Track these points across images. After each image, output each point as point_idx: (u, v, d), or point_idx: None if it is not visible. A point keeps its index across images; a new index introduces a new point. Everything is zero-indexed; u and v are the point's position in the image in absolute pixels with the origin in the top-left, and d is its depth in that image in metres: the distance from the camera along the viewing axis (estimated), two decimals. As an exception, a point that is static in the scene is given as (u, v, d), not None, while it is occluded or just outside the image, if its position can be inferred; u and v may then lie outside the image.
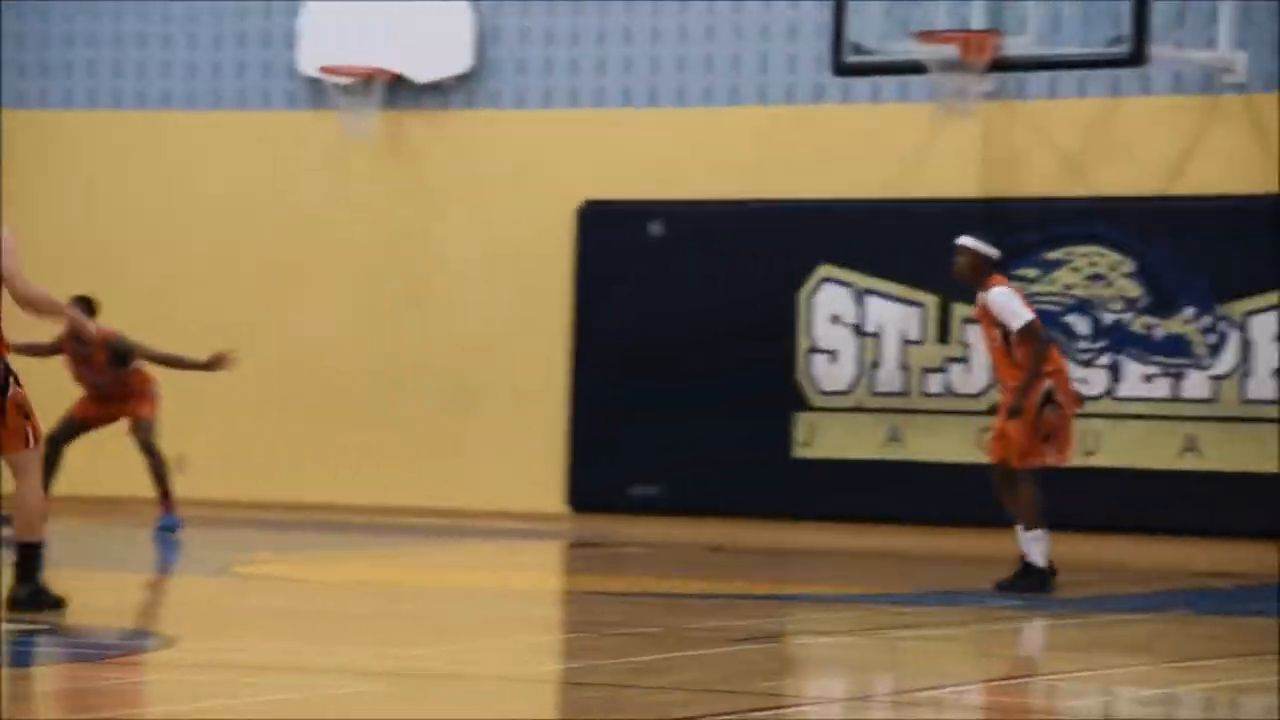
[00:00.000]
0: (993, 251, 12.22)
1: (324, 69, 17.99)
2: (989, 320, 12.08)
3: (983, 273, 12.14)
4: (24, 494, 9.50)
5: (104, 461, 15.97)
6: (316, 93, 18.26)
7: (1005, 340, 12.00)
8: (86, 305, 15.01)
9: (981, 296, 12.13)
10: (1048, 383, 11.93)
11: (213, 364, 14.61)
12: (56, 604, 9.60)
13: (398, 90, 18.08)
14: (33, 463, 9.58)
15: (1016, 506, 12.11)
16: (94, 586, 10.43)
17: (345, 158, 18.11)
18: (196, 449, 17.47)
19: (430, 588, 12.21)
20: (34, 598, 9.50)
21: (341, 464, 17.96)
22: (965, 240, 12.25)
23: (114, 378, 14.87)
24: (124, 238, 18.52)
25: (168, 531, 14.72)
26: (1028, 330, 11.90)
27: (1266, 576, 14.10)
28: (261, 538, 15.72)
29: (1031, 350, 11.91)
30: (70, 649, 9.04)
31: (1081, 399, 12.22)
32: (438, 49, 17.95)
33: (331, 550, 14.14)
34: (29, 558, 9.50)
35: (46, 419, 14.79)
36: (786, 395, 16.61)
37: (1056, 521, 12.22)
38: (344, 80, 17.90)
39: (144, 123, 18.64)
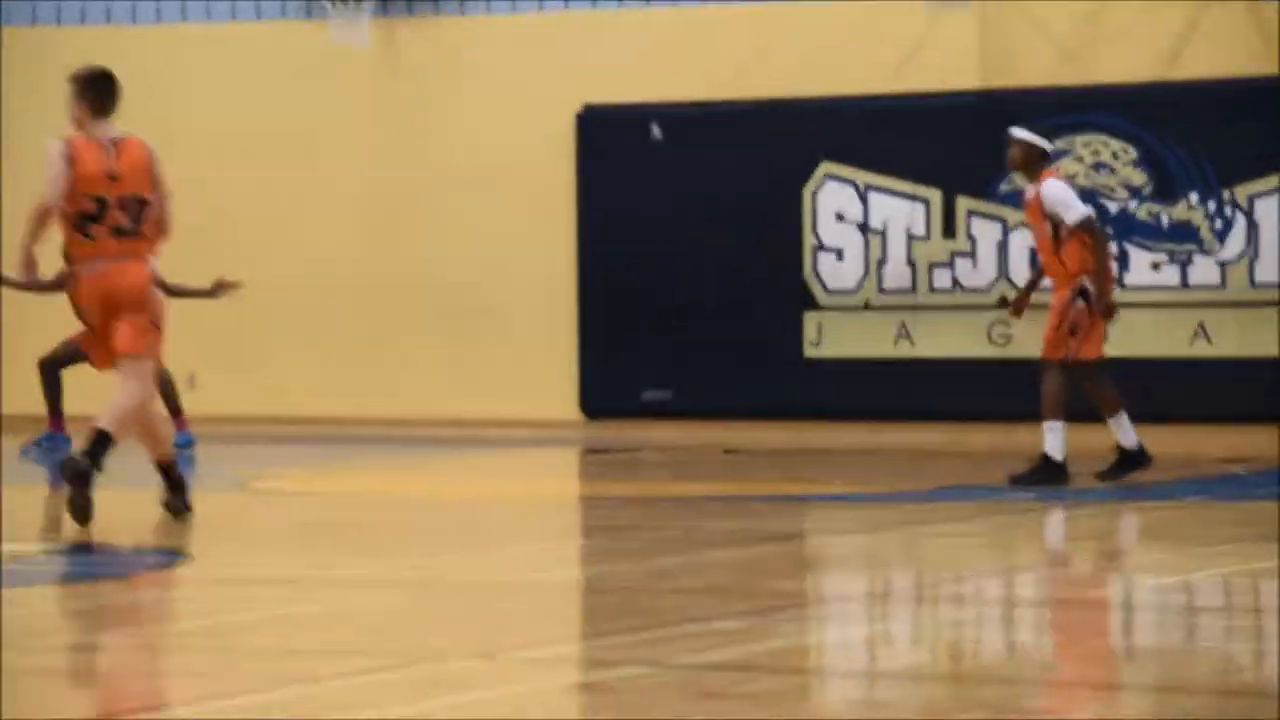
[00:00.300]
0: (1045, 143, 12.06)
1: (316, -23, 17.86)
2: (1039, 213, 11.94)
3: (1036, 164, 12.00)
4: (121, 393, 9.76)
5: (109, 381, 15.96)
6: (308, 3, 18.14)
7: (1055, 234, 11.88)
8: None
9: (1033, 188, 11.99)
10: (1084, 279, 11.84)
11: (215, 291, 14.58)
12: (83, 511, 9.71)
13: (389, -2, 17.96)
14: (143, 371, 9.74)
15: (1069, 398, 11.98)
16: (113, 504, 10.45)
17: (338, 67, 18.01)
18: (206, 366, 17.44)
19: (447, 498, 12.24)
20: (82, 466, 9.59)
21: (353, 378, 17.95)
22: (1017, 131, 12.04)
23: None
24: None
25: (182, 448, 14.73)
26: (1084, 224, 11.81)
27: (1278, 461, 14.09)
28: (275, 453, 15.73)
29: (1094, 243, 11.83)
30: (93, 566, 9.07)
31: (1112, 309, 12.00)
32: (429, -44, 17.82)
33: (347, 464, 14.15)
34: (98, 442, 9.70)
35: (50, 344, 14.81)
36: (794, 295, 16.56)
37: (1068, 411, 12.17)
38: (336, -11, 17.78)
39: (136, 37, 18.53)
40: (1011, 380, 16.21)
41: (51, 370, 14.91)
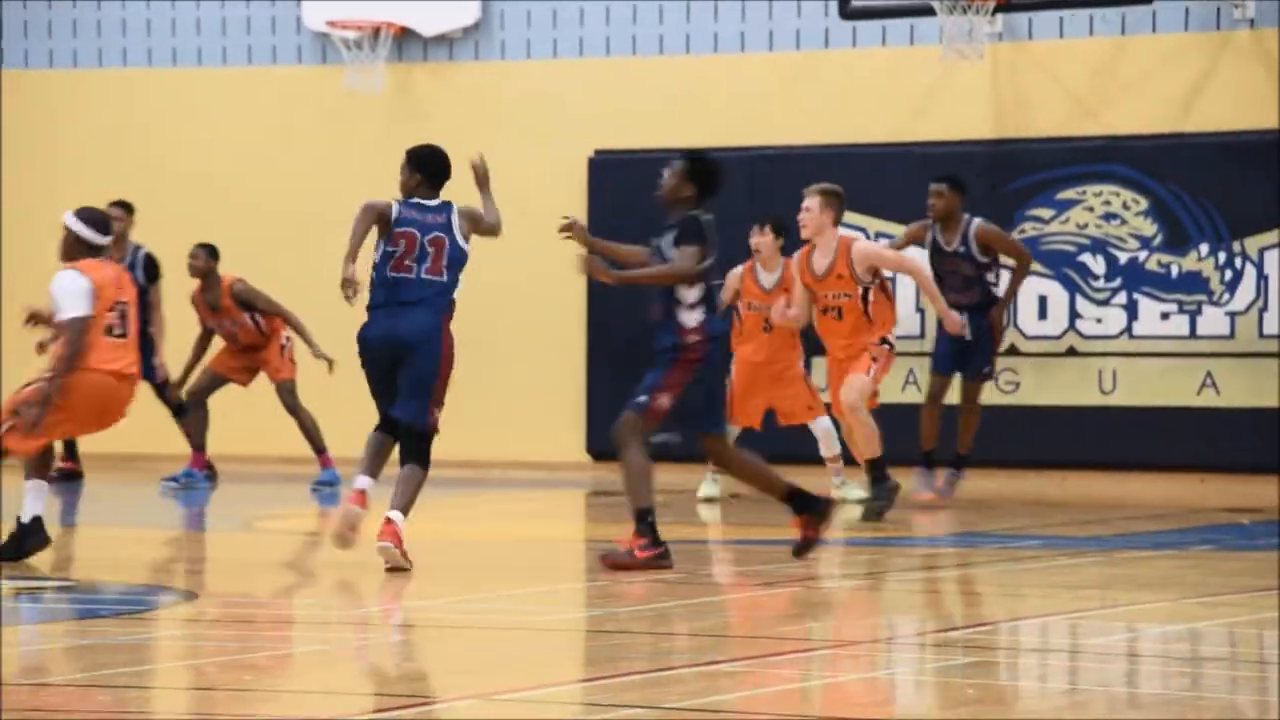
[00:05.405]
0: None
1: (330, 23, 17.93)
2: None
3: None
4: None
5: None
6: (323, 47, 18.21)
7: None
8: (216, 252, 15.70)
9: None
10: None
11: (321, 356, 15.20)
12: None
13: (404, 43, 18.02)
14: None
15: None
16: (117, 542, 10.47)
17: (353, 112, 18.06)
18: (219, 403, 17.43)
19: (450, 538, 12.24)
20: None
21: (360, 417, 17.93)
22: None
23: (244, 322, 15.39)
24: (130, 197, 18.49)
25: (326, 485, 15.03)
26: None
27: (1286, 511, 14.07)
28: (284, 493, 15.73)
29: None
30: (90, 604, 9.06)
31: None
32: (444, 1, 17.89)
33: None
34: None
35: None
36: (805, 341, 16.56)
37: (1075, 459, 12.18)
38: (351, 34, 17.85)
39: (150, 80, 18.59)
40: (1017, 427, 16.20)
41: (197, 402, 15.29)
